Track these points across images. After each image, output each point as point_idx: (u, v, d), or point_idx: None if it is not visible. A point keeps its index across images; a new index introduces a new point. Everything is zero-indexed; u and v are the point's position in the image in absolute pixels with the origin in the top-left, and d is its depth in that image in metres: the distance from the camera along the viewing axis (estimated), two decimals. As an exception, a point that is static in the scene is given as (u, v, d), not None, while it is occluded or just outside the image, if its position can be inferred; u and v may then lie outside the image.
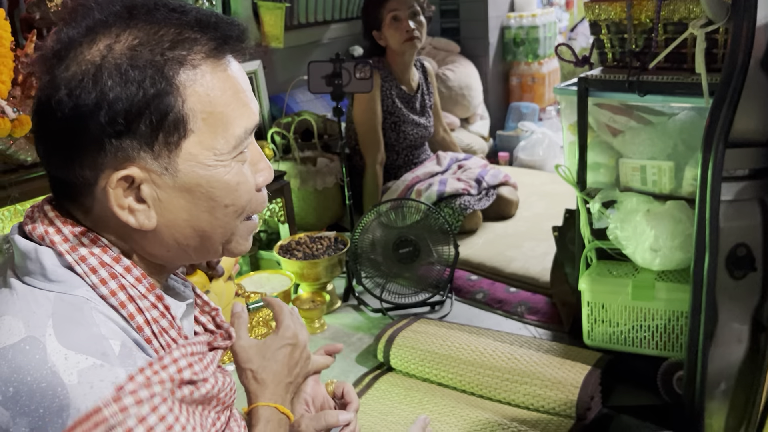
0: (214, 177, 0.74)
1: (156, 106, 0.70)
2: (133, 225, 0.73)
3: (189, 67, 0.71)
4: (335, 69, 2.35)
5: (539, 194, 3.10)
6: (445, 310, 2.29)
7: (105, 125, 0.68)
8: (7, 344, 0.66)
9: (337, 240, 2.43)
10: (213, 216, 0.76)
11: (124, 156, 0.70)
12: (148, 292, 0.76)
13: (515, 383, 1.75)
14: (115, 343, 0.69)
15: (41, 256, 0.72)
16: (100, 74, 0.68)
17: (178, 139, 0.72)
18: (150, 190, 0.73)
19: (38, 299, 0.70)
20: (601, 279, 1.82)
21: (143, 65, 0.69)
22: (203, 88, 0.72)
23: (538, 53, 3.98)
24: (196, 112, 0.72)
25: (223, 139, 0.74)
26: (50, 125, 0.71)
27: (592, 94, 1.81)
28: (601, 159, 1.89)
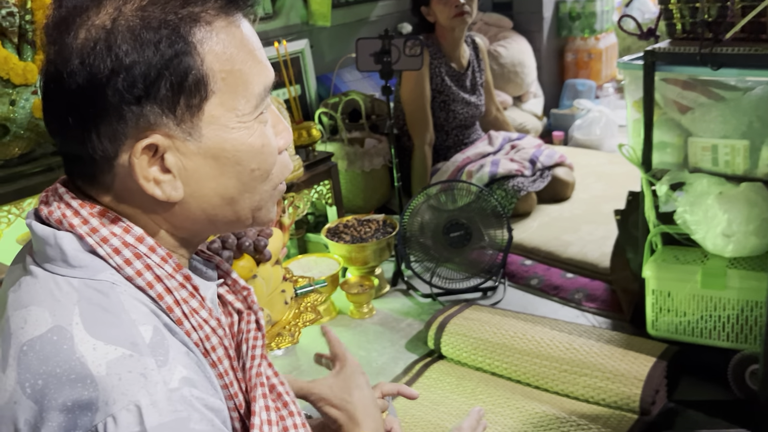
0: (238, 140, 0.71)
1: (175, 67, 0.66)
2: (159, 197, 0.69)
3: (204, 24, 0.68)
4: (384, 46, 2.27)
5: (596, 175, 2.98)
6: (498, 296, 2.21)
7: (123, 91, 0.64)
8: (34, 335, 0.63)
9: (385, 223, 2.37)
10: (240, 182, 0.72)
11: (146, 123, 0.66)
12: (175, 271, 0.72)
13: (574, 375, 1.67)
14: (146, 329, 0.65)
15: (61, 241, 0.68)
16: (114, 39, 0.64)
17: (199, 102, 0.68)
18: (175, 159, 0.68)
19: (62, 287, 0.66)
20: (667, 266, 1.71)
21: (157, 25, 0.65)
22: (220, 46, 0.68)
23: (595, 28, 3.81)
24: (216, 71, 0.68)
25: (243, 98, 0.70)
26: (63, 99, 0.67)
27: (659, 69, 1.69)
28: (668, 138, 1.77)
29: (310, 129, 2.37)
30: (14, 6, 1.88)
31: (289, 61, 2.42)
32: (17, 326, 0.65)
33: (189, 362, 0.66)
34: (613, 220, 2.26)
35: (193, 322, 0.72)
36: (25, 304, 0.66)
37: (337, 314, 2.20)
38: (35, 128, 1.92)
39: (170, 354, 0.64)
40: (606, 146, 3.49)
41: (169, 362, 0.63)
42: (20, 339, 0.63)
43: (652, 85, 1.70)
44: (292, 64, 2.70)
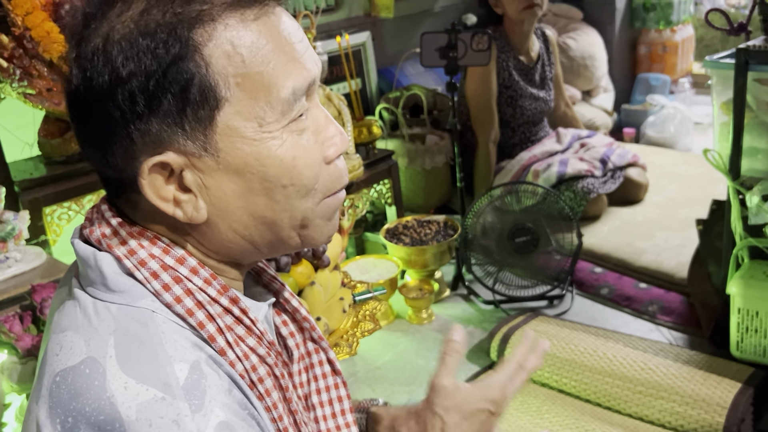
0: (262, 153, 0.62)
1: (174, 75, 0.58)
2: (180, 218, 0.63)
3: (207, 22, 0.59)
4: (450, 40, 2.18)
5: (671, 176, 2.82)
6: (565, 305, 2.10)
7: (124, 107, 0.59)
8: (68, 365, 0.60)
9: (446, 225, 2.28)
10: (272, 199, 0.64)
11: (156, 140, 0.60)
12: (220, 295, 0.66)
13: (649, 397, 1.56)
14: (181, 367, 0.59)
15: (100, 262, 0.64)
16: (110, 48, 0.59)
17: (209, 112, 0.60)
18: (193, 176, 0.62)
19: (100, 313, 0.62)
20: (756, 283, 1.58)
21: (153, 30, 0.58)
22: (230, 46, 0.60)
23: (671, 19, 3.62)
24: (227, 75, 0.60)
25: (266, 105, 0.61)
26: (76, 114, 0.63)
27: (752, 68, 1.55)
28: (759, 143, 1.63)
29: (370, 126, 2.30)
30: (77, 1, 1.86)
31: (351, 55, 2.35)
32: (52, 352, 0.62)
33: (229, 402, 0.60)
34: (691, 226, 2.13)
35: (237, 351, 0.66)
36: (63, 328, 0.63)
37: (395, 318, 2.13)
38: (96, 124, 1.91)
39: (207, 396, 0.59)
40: (680, 145, 3.31)
41: (205, 406, 0.58)
42: (54, 367, 0.60)
43: (745, 85, 1.57)
44: (354, 57, 2.64)
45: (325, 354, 0.83)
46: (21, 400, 1.49)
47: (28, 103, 1.83)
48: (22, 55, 1.79)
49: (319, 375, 0.83)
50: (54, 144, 1.88)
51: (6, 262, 1.54)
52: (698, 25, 3.92)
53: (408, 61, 3.07)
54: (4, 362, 1.42)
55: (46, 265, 1.58)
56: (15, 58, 1.78)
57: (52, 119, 1.90)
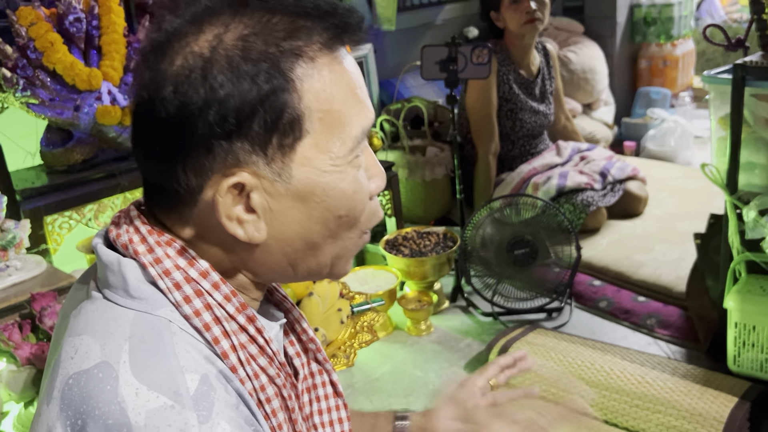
0: (329, 184, 0.66)
1: (271, 103, 0.62)
2: (241, 237, 0.65)
3: (306, 60, 0.64)
4: (450, 53, 2.19)
5: (670, 190, 2.82)
6: (564, 318, 2.10)
7: (214, 125, 0.61)
8: (82, 368, 0.61)
9: (446, 236, 2.29)
10: (326, 227, 0.68)
11: (234, 160, 0.63)
12: (238, 312, 0.67)
13: (646, 411, 1.55)
14: (192, 378, 0.60)
15: (124, 268, 0.65)
16: (210, 68, 0.61)
17: (293, 141, 0.64)
18: (261, 199, 0.65)
19: (117, 318, 0.63)
20: (753, 297, 1.58)
21: (256, 58, 0.62)
22: (320, 84, 0.64)
23: (672, 33, 3.64)
24: (312, 110, 0.64)
25: (339, 140, 0.66)
26: (152, 126, 0.64)
27: (749, 84, 1.56)
28: (756, 158, 1.64)
29: (371, 138, 2.31)
30: (81, 12, 1.88)
31: (352, 68, 2.36)
32: (67, 355, 0.63)
33: (235, 417, 0.61)
34: (689, 240, 2.13)
35: (248, 370, 0.67)
36: (80, 331, 0.64)
37: (394, 330, 2.13)
38: (98, 134, 1.93)
39: (214, 408, 0.60)
40: (681, 158, 3.32)
41: (212, 418, 0.59)
42: (68, 370, 0.61)
43: (742, 101, 1.58)
44: (355, 70, 2.65)
45: (328, 376, 0.84)
46: (19, 409, 1.50)
47: (30, 112, 1.84)
48: (25, 65, 1.81)
49: (322, 396, 0.84)
50: (56, 153, 1.90)
51: (6, 271, 1.55)
52: (699, 39, 3.94)
53: (409, 73, 3.09)
54: (3, 371, 1.42)
55: (46, 274, 1.59)
56: (18, 68, 1.80)
57: (54, 129, 1.92)
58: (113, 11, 1.96)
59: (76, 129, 1.90)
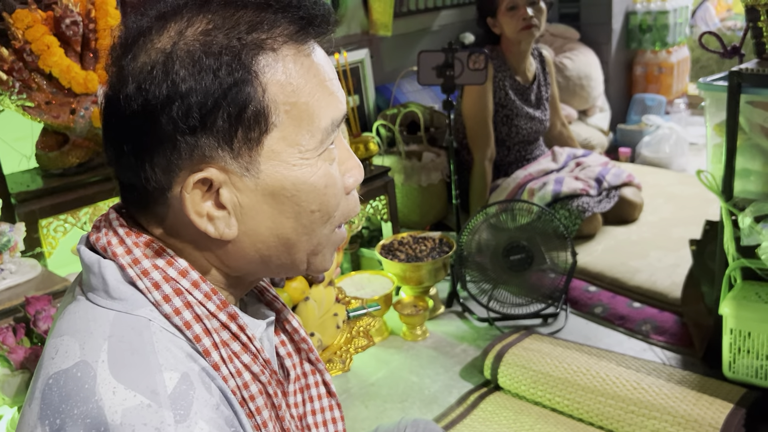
0: (299, 178, 0.66)
1: (233, 97, 0.61)
2: (212, 234, 0.65)
3: (269, 52, 0.63)
4: (447, 59, 2.20)
5: (665, 196, 2.83)
6: (559, 323, 2.10)
7: (178, 120, 0.61)
8: (61, 368, 0.61)
9: (442, 242, 2.29)
10: (298, 223, 0.68)
11: (201, 155, 0.63)
12: (219, 310, 0.67)
13: (642, 417, 1.55)
14: (171, 376, 0.60)
15: (104, 270, 0.65)
16: (171, 63, 0.61)
17: (259, 135, 0.63)
18: (230, 195, 0.65)
19: (98, 318, 0.63)
20: (748, 304, 1.58)
21: (218, 51, 0.61)
22: (285, 76, 0.64)
23: (667, 41, 3.65)
24: (278, 103, 0.63)
25: (308, 133, 0.65)
26: (119, 123, 0.64)
27: (745, 91, 1.57)
28: (752, 165, 1.65)
29: (367, 143, 2.31)
30: (78, 15, 1.88)
31: (349, 71, 2.37)
32: (48, 355, 0.63)
33: (215, 417, 0.60)
34: (685, 246, 2.14)
35: (231, 368, 0.67)
36: (61, 332, 0.64)
37: (389, 335, 2.13)
38: (94, 137, 1.92)
39: (192, 408, 0.59)
40: (676, 165, 3.33)
41: (190, 417, 0.58)
42: (48, 370, 0.61)
43: (737, 108, 1.58)
44: (352, 74, 2.65)
45: (321, 376, 0.84)
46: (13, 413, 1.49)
47: (26, 115, 1.84)
48: (21, 68, 1.81)
49: (315, 396, 0.84)
50: (51, 157, 1.89)
51: (1, 274, 1.54)
52: (694, 46, 3.95)
53: (405, 78, 3.09)
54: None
55: (40, 277, 1.58)
56: (15, 71, 1.80)
57: (50, 132, 1.91)
58: (110, 14, 1.95)
59: (72, 132, 1.89)
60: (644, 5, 3.64)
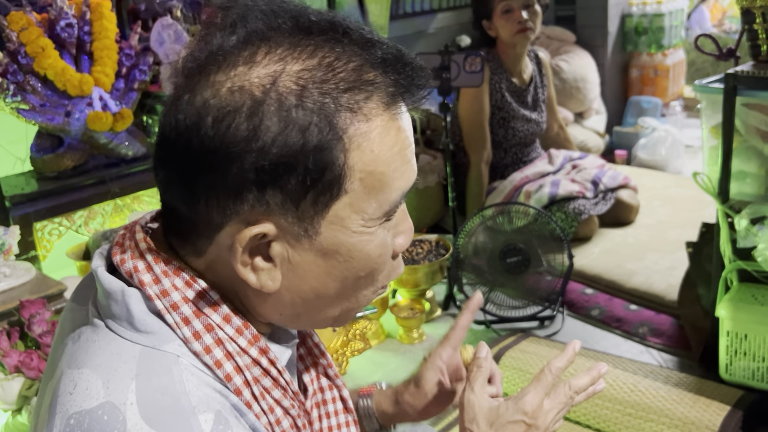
0: (356, 246, 0.61)
1: (315, 160, 0.56)
2: (253, 284, 0.61)
3: (362, 118, 0.58)
4: (443, 61, 2.20)
5: (662, 198, 2.83)
6: (556, 326, 2.10)
7: (249, 170, 0.56)
8: (83, 408, 0.56)
9: (438, 244, 2.29)
10: (343, 285, 0.64)
11: (263, 209, 0.58)
12: (250, 345, 0.63)
13: (639, 420, 1.55)
14: (206, 418, 0.56)
15: (128, 299, 0.60)
16: (259, 110, 0.55)
17: (329, 200, 0.58)
18: (281, 249, 0.60)
19: (122, 353, 0.59)
20: (744, 306, 1.58)
21: (311, 108, 0.56)
22: (369, 144, 0.58)
23: (663, 43, 3.66)
24: (356, 170, 0.58)
25: (376, 202, 0.60)
26: (181, 153, 0.58)
27: (741, 93, 1.57)
28: (748, 167, 1.65)
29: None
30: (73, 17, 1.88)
31: (345, 75, 2.36)
32: (65, 390, 0.58)
33: None
34: (681, 248, 2.14)
35: (263, 405, 0.63)
36: (80, 364, 0.59)
37: (386, 338, 2.12)
38: (89, 140, 1.92)
39: None
40: (672, 167, 3.33)
41: None
42: (67, 408, 0.57)
43: (733, 110, 1.58)
44: (348, 78, 2.65)
45: (338, 391, 0.81)
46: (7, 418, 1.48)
47: (21, 118, 1.83)
48: (16, 70, 1.80)
49: (332, 412, 0.80)
50: (46, 159, 1.88)
51: (-5, 278, 1.53)
52: (689, 49, 3.96)
53: (402, 81, 3.09)
54: (-9, 378, 1.40)
55: (35, 281, 1.58)
56: (9, 74, 1.79)
57: (44, 135, 1.90)
58: (105, 17, 1.95)
59: (67, 135, 1.88)
60: (640, 8, 3.65)
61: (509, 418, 0.80)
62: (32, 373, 1.38)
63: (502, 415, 0.80)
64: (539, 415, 0.81)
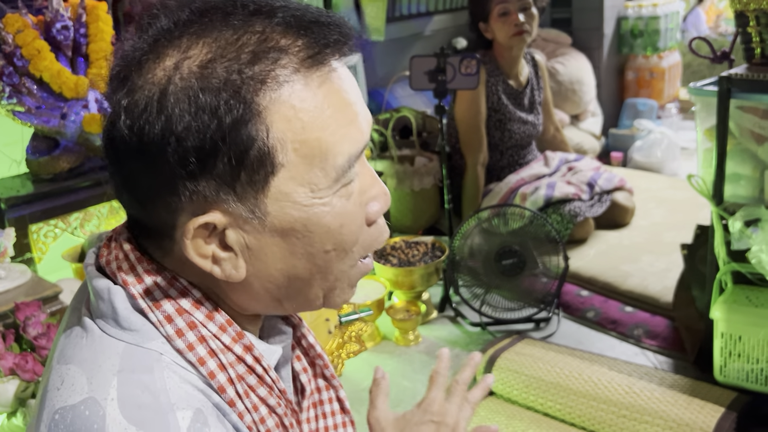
0: (311, 219, 0.60)
1: (233, 138, 0.55)
2: (218, 276, 0.61)
3: (274, 86, 0.56)
4: (439, 64, 2.20)
5: (657, 201, 2.84)
6: (551, 328, 2.10)
7: (174, 165, 0.56)
8: (67, 404, 0.57)
9: (434, 246, 2.29)
10: (312, 263, 0.62)
11: (202, 199, 0.58)
12: (234, 342, 0.63)
13: (633, 421, 1.56)
14: (184, 415, 0.57)
15: (114, 297, 0.61)
16: (165, 100, 0.55)
17: (265, 177, 0.57)
18: (236, 236, 0.60)
19: (106, 350, 0.60)
20: (739, 308, 1.59)
21: (217, 87, 0.55)
22: (292, 111, 0.57)
23: (658, 46, 3.67)
24: (285, 141, 0.57)
25: (321, 171, 0.59)
26: (117, 159, 0.59)
27: (735, 96, 1.58)
28: (742, 170, 1.65)
29: (360, 147, 2.31)
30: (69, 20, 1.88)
31: (341, 78, 2.37)
32: (53, 385, 0.60)
33: None
34: (676, 250, 2.14)
35: (247, 403, 0.63)
36: (68, 360, 0.61)
37: (382, 340, 2.12)
38: (85, 142, 1.92)
39: None
40: (667, 169, 3.34)
41: None
42: (54, 403, 0.58)
43: (727, 113, 1.59)
44: (344, 80, 2.65)
45: (335, 392, 0.81)
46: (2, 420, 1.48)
47: (16, 120, 1.83)
48: (11, 72, 1.80)
49: (328, 412, 0.81)
50: (42, 162, 1.88)
51: (-10, 280, 1.53)
52: (685, 51, 3.98)
53: (398, 83, 3.09)
54: (-15, 381, 1.40)
55: (30, 283, 1.58)
56: (5, 76, 1.79)
57: (40, 137, 1.90)
58: (101, 19, 1.95)
59: (63, 137, 1.88)
60: (635, 10, 3.66)
61: (418, 422, 0.86)
62: (27, 376, 1.38)
63: (410, 421, 0.86)
64: (445, 412, 0.87)
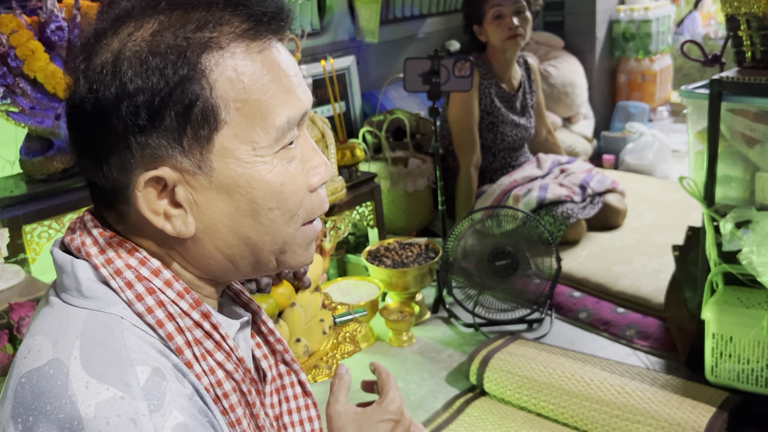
0: (253, 176, 0.66)
1: (180, 95, 0.62)
2: (169, 232, 0.66)
3: (215, 49, 0.64)
4: (433, 66, 2.21)
5: (649, 203, 2.86)
6: (544, 329, 2.11)
7: (127, 120, 0.62)
8: (33, 367, 0.61)
9: (428, 247, 2.30)
10: (257, 221, 0.68)
11: (152, 154, 0.64)
12: (192, 308, 0.68)
13: (626, 421, 1.57)
14: (142, 369, 0.61)
15: (77, 269, 0.66)
16: (120, 64, 0.62)
17: (209, 133, 0.64)
18: (185, 193, 0.66)
19: (70, 317, 0.64)
20: (730, 309, 1.60)
21: (164, 50, 0.62)
22: (234, 73, 0.64)
23: (650, 49, 3.70)
24: (228, 100, 0.64)
25: (261, 130, 0.65)
26: (78, 125, 0.66)
27: (726, 99, 1.59)
28: (733, 172, 1.67)
29: (353, 149, 2.32)
30: (63, 20, 1.87)
31: (335, 78, 2.37)
32: (21, 355, 0.64)
33: (188, 407, 0.62)
34: (668, 252, 2.16)
35: (204, 366, 0.67)
36: (34, 332, 0.65)
37: (376, 341, 2.13)
38: (79, 143, 1.91)
39: (166, 398, 0.60)
40: (659, 172, 3.36)
41: (164, 407, 0.59)
42: (20, 369, 0.62)
43: (718, 115, 1.61)
44: (338, 81, 2.67)
45: (296, 376, 0.85)
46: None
47: (10, 121, 1.83)
48: (5, 73, 1.80)
49: (291, 396, 0.85)
50: (35, 162, 1.88)
51: (-16, 280, 1.53)
52: (676, 54, 4.00)
53: (391, 85, 3.10)
54: (-21, 381, 1.40)
55: (24, 283, 1.57)
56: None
57: (34, 137, 1.90)
58: (95, 20, 1.95)
59: (57, 138, 1.88)
60: (627, 14, 3.68)
61: (378, 419, 0.89)
62: (21, 376, 1.37)
63: (370, 417, 0.89)
64: (402, 412, 0.91)
